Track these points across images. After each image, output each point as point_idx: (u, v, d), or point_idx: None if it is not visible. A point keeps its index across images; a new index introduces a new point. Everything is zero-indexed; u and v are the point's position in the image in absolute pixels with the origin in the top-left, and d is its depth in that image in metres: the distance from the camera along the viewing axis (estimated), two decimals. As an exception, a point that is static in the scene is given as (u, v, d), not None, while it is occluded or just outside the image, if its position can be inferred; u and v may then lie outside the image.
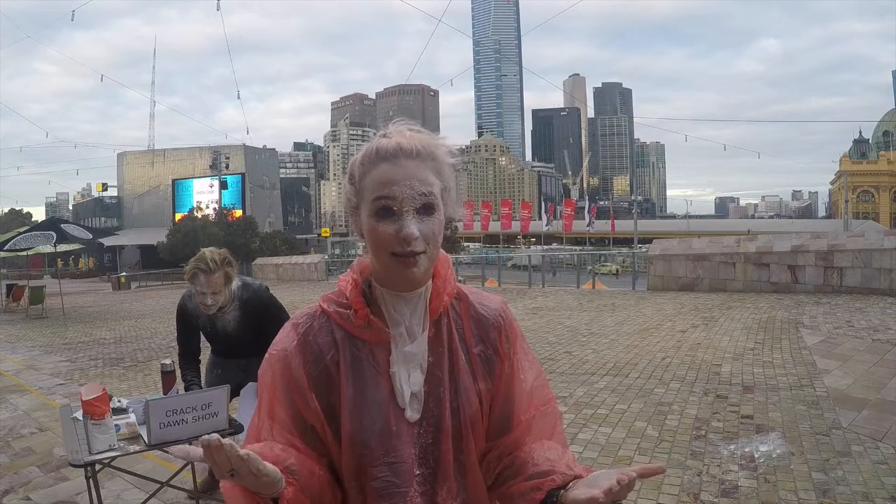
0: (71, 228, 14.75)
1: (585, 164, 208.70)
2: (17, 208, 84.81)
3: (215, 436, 0.68)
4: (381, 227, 0.79)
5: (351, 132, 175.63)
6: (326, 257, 25.30)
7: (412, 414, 0.82)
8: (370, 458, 0.80)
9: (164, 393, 2.64)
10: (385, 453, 0.80)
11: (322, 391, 0.82)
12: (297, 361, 0.83)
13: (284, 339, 0.86)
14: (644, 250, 14.19)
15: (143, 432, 2.18)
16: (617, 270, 16.74)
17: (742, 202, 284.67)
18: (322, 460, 0.83)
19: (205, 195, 53.06)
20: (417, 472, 0.81)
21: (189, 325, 2.74)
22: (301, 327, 0.86)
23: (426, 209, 0.80)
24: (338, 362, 0.83)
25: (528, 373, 0.91)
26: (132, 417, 2.34)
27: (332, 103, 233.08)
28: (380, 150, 0.82)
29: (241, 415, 2.51)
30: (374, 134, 0.92)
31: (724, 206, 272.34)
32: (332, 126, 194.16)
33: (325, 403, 0.82)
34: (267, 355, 0.86)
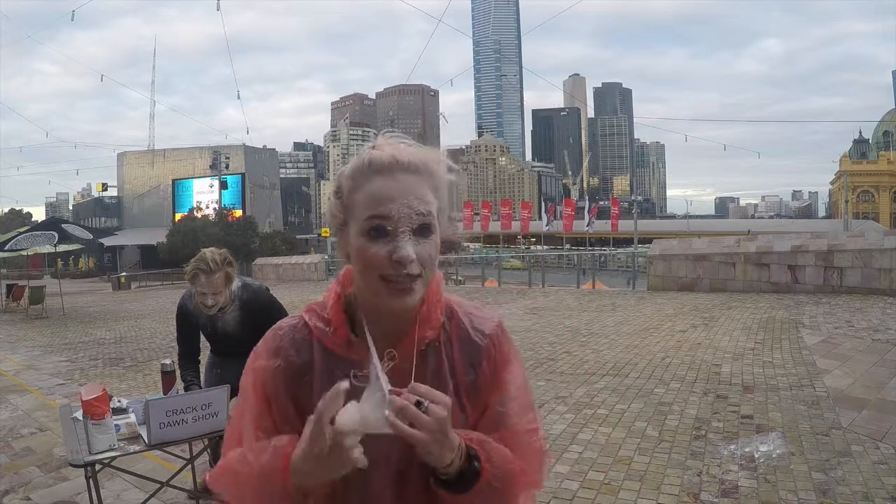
0: (71, 228, 14.83)
1: (585, 164, 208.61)
2: (17, 208, 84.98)
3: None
4: (372, 248, 0.73)
5: (351, 132, 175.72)
6: (326, 257, 25.24)
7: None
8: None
9: (164, 393, 2.64)
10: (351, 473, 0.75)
11: (300, 405, 0.80)
12: (277, 375, 0.81)
13: (265, 351, 0.84)
14: (644, 250, 14.27)
15: (143, 432, 2.18)
16: (521, 266, 18.40)
17: (742, 202, 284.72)
18: None
19: (205, 195, 53.07)
20: (387, 494, 0.79)
21: (189, 325, 2.74)
22: (283, 339, 0.83)
23: (423, 230, 0.74)
24: (313, 379, 0.80)
25: (510, 403, 0.83)
26: (132, 417, 2.34)
27: (332, 103, 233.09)
28: (373, 162, 0.75)
29: (241, 415, 2.51)
30: (374, 134, 0.88)
31: (724, 206, 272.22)
32: (332, 126, 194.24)
33: (302, 417, 0.76)
34: (249, 365, 0.84)
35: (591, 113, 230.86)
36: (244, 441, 0.81)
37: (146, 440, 2.15)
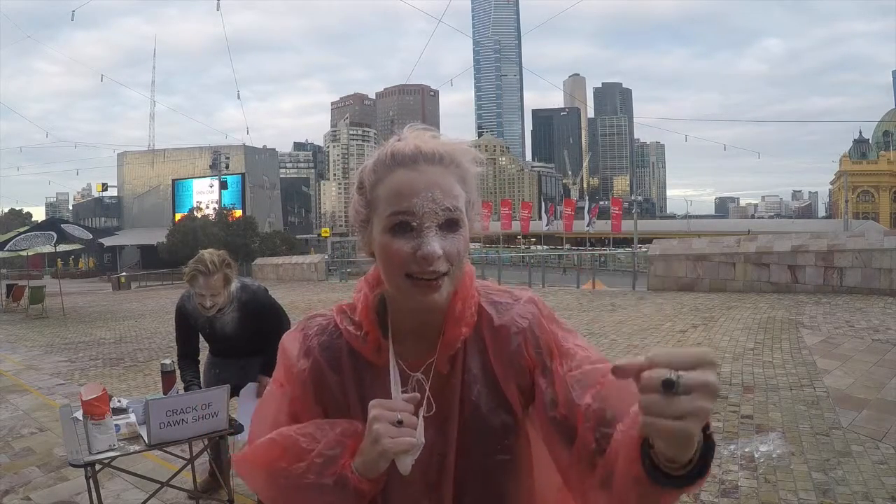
0: (71, 228, 14.84)
1: (585, 164, 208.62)
2: (17, 208, 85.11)
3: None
4: (395, 244, 0.69)
5: (351, 132, 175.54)
6: (326, 257, 25.23)
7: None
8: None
9: (164, 393, 2.64)
10: (384, 482, 0.75)
11: (327, 408, 0.79)
12: (305, 377, 0.79)
13: (295, 351, 0.81)
14: (644, 250, 14.28)
15: (143, 432, 2.19)
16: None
17: (742, 202, 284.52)
18: None
19: (205, 195, 53.20)
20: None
21: (188, 325, 2.74)
22: (311, 339, 0.81)
23: (450, 225, 0.70)
24: (345, 383, 0.79)
25: (572, 363, 0.76)
26: (132, 417, 2.34)
27: (333, 103, 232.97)
28: (395, 154, 0.71)
29: (241, 415, 2.51)
30: (374, 134, 0.86)
31: (724, 206, 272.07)
32: (332, 126, 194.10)
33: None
34: (279, 359, 0.82)
35: (591, 113, 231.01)
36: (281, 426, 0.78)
37: (146, 440, 2.15)
